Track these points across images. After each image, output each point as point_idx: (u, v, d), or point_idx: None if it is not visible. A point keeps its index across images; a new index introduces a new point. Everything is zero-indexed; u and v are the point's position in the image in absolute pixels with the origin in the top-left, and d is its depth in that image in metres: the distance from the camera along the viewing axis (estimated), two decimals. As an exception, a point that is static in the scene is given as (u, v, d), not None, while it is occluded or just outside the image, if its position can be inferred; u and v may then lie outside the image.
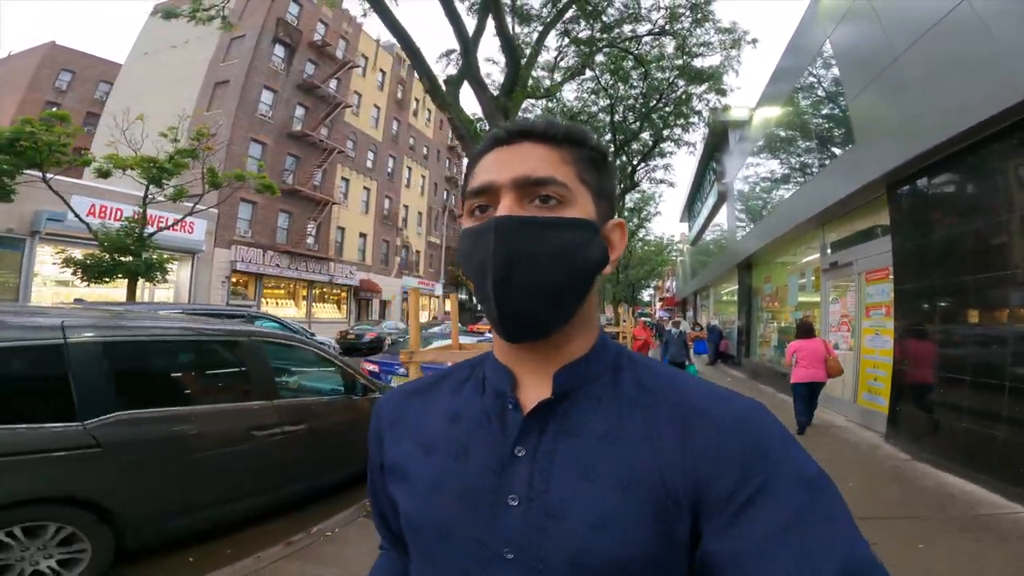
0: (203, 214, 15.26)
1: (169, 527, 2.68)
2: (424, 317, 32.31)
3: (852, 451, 5.56)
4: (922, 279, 5.32)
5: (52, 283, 14.77)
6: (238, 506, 3.08)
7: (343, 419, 3.78)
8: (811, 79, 8.18)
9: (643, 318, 29.14)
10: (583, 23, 9.85)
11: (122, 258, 11.06)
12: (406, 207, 32.83)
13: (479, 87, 6.75)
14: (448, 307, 37.01)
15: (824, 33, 7.37)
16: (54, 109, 11.59)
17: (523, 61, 7.21)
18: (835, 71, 7.12)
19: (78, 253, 11.32)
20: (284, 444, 3.24)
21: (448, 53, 10.00)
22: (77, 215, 10.92)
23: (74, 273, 11.25)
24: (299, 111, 23.81)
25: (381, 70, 30.06)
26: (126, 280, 11.48)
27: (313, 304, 24.48)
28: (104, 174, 11.06)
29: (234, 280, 20.41)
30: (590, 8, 9.21)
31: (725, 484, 0.45)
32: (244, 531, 3.20)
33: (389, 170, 31.01)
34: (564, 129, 0.54)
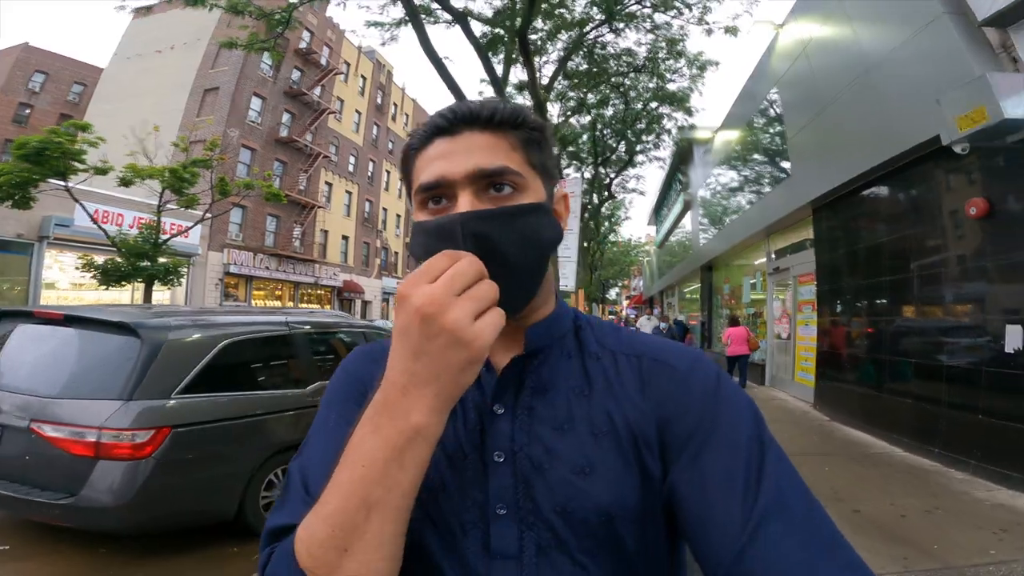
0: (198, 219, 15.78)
1: None
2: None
3: (789, 415, 7.26)
4: (834, 283, 7.05)
5: (41, 286, 14.96)
6: None
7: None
8: (765, 104, 9.59)
9: (612, 316, 30.74)
10: (576, 59, 11.41)
11: (140, 263, 11.75)
12: (385, 210, 33.59)
13: None
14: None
15: (775, 78, 8.81)
16: (74, 119, 12.07)
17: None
18: (781, 110, 8.67)
19: (99, 258, 11.92)
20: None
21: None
22: (96, 223, 11.54)
23: (93, 277, 11.86)
24: (285, 117, 24.39)
25: (362, 75, 30.71)
26: (141, 284, 12.21)
27: (298, 305, 25.05)
28: (126, 183, 11.75)
29: (226, 282, 20.99)
30: (584, 50, 10.75)
31: (686, 424, 0.51)
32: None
33: (369, 174, 31.73)
34: (509, 112, 0.54)
